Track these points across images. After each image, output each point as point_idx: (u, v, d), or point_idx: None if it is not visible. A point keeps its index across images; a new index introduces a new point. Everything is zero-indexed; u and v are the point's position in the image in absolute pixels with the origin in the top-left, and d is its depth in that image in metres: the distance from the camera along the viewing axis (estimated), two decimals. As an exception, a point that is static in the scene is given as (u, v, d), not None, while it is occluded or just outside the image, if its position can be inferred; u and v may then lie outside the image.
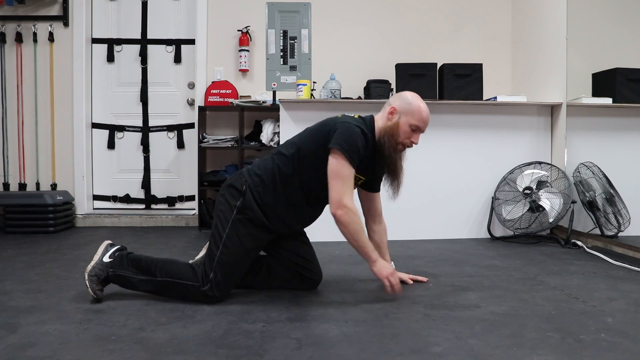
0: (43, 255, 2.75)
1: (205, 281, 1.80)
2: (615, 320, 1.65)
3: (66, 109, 3.98)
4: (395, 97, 1.94)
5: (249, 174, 1.89)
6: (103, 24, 4.11)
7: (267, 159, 1.93)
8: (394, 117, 1.87)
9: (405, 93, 1.93)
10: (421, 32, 4.10)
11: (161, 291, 1.85)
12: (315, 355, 1.37)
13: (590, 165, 3.03)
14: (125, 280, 1.85)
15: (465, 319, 1.67)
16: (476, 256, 2.72)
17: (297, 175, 1.85)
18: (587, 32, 3.22)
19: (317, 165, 1.81)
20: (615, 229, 2.86)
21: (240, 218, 1.83)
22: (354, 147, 1.77)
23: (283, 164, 1.86)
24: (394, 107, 1.88)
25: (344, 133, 1.77)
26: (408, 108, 1.87)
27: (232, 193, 1.87)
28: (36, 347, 1.41)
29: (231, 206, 1.85)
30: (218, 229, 1.85)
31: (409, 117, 1.86)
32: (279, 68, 3.56)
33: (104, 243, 1.92)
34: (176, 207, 4.16)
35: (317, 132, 1.87)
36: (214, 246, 1.83)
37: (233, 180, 1.91)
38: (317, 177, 1.83)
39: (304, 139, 1.89)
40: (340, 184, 1.76)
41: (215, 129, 4.04)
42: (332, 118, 1.91)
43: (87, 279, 1.80)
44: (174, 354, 1.37)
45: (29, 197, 3.60)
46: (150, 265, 1.85)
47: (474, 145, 3.33)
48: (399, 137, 1.87)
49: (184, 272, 1.83)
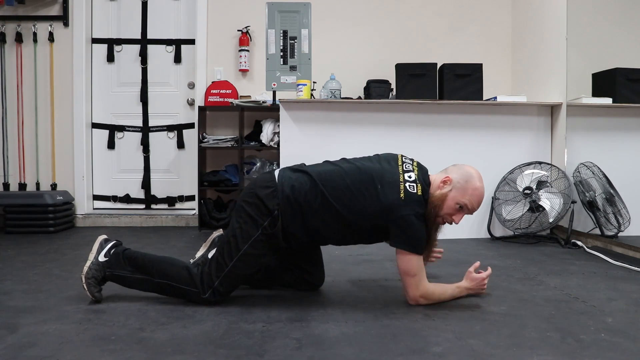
0: (43, 255, 2.75)
1: (207, 288, 1.76)
2: (615, 320, 1.65)
3: (66, 109, 3.98)
4: (457, 167, 1.81)
5: (284, 196, 1.73)
6: (103, 24, 4.11)
7: (309, 191, 1.74)
8: (445, 187, 1.75)
9: (467, 168, 1.79)
10: (421, 32, 4.10)
11: (159, 291, 1.84)
12: (315, 355, 1.37)
13: (590, 165, 3.03)
14: (122, 279, 1.82)
15: (465, 319, 1.67)
16: (476, 256, 2.72)
17: (339, 235, 1.81)
18: (587, 32, 3.22)
19: (361, 231, 1.79)
20: (615, 229, 2.86)
21: (264, 239, 1.76)
22: (419, 242, 1.72)
23: (327, 216, 1.74)
24: (450, 177, 1.75)
25: (406, 231, 1.69)
26: (463, 185, 1.74)
27: (260, 210, 1.74)
28: (36, 347, 1.41)
29: (257, 224, 1.74)
30: (237, 241, 1.75)
31: (459, 193, 1.73)
32: (279, 68, 3.56)
33: (99, 239, 1.85)
34: (176, 207, 4.16)
35: (375, 216, 1.72)
36: (227, 256, 1.75)
37: (265, 194, 1.74)
38: (361, 240, 1.84)
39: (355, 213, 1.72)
40: (414, 281, 1.75)
41: (215, 129, 4.04)
42: (392, 202, 1.69)
43: (85, 283, 1.77)
44: (174, 354, 1.37)
45: (29, 197, 3.60)
46: (147, 264, 1.81)
47: (474, 145, 3.33)
48: (441, 210, 1.75)
49: (182, 276, 1.78)
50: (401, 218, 1.69)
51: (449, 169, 1.83)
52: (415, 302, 1.80)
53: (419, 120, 3.33)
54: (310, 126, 3.28)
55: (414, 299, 1.79)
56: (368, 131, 3.30)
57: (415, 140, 3.32)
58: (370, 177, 1.75)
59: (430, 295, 1.80)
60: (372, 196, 1.71)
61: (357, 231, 1.79)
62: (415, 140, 3.32)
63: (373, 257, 2.64)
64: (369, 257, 2.67)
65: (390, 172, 1.75)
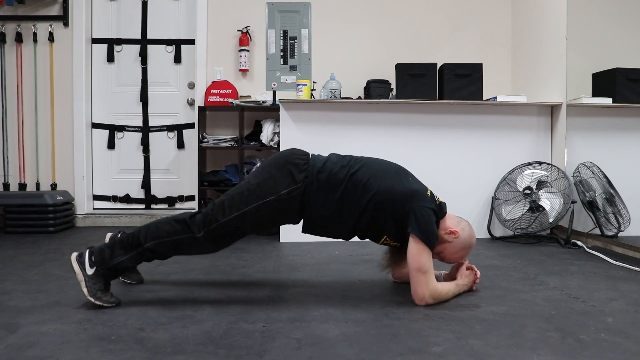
0: (43, 255, 2.75)
1: (202, 227, 1.75)
2: (615, 320, 1.65)
3: (66, 109, 3.98)
4: (466, 226, 1.94)
5: (314, 171, 1.81)
6: (103, 24, 4.11)
7: (340, 170, 1.83)
8: (450, 237, 1.89)
9: (471, 232, 1.95)
10: (421, 32, 4.10)
11: (156, 256, 1.81)
12: (315, 355, 1.37)
13: (590, 165, 3.03)
14: (117, 268, 1.78)
15: (465, 319, 1.67)
16: (476, 256, 2.72)
17: (358, 212, 1.83)
18: (587, 32, 3.22)
19: (383, 221, 1.84)
20: (615, 229, 2.86)
21: (275, 205, 1.78)
22: (434, 236, 1.81)
23: (352, 191, 1.81)
24: (458, 232, 1.90)
25: (425, 222, 1.78)
26: (464, 246, 1.93)
27: (285, 178, 1.79)
28: (36, 347, 1.41)
29: (275, 190, 1.78)
30: (248, 197, 1.78)
31: (459, 250, 1.93)
32: (279, 68, 3.56)
33: (73, 261, 1.75)
34: (176, 207, 4.16)
35: (401, 195, 1.81)
36: (234, 207, 1.77)
37: (296, 164, 1.82)
38: (373, 227, 1.87)
39: (386, 187, 1.82)
40: (424, 279, 1.78)
41: (215, 129, 4.04)
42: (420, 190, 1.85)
43: (96, 300, 1.73)
44: (174, 354, 1.37)
45: (29, 197, 3.60)
46: (133, 237, 1.78)
47: (474, 145, 3.33)
48: (442, 253, 1.94)
49: (168, 230, 1.77)
50: (424, 208, 1.79)
51: (459, 221, 1.95)
52: (422, 302, 1.80)
53: (419, 120, 3.33)
54: (310, 126, 3.28)
55: (422, 298, 1.79)
56: (368, 131, 3.30)
57: (415, 140, 3.32)
58: (401, 168, 1.94)
59: (438, 295, 1.82)
60: (403, 181, 1.86)
61: (374, 216, 1.83)
62: (415, 140, 3.32)
63: (373, 257, 2.64)
64: (369, 257, 2.67)
65: (419, 181, 1.94)
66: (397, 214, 1.81)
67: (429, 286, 1.79)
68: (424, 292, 1.79)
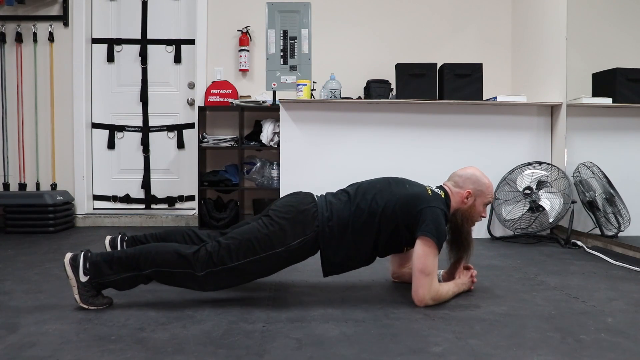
0: (43, 255, 2.75)
1: (205, 267, 1.72)
2: (615, 320, 1.65)
3: (66, 109, 3.98)
4: (466, 179, 1.95)
5: (324, 219, 1.80)
6: (103, 24, 4.11)
7: (343, 206, 1.84)
8: (469, 200, 1.93)
9: (473, 172, 1.97)
10: (421, 32, 4.10)
11: (151, 280, 1.78)
12: (315, 355, 1.37)
13: (590, 165, 3.03)
14: (111, 285, 1.75)
15: (465, 319, 1.67)
16: (476, 256, 2.71)
17: (373, 237, 1.84)
18: (587, 32, 3.22)
19: (396, 234, 1.85)
20: (615, 229, 2.86)
21: (284, 255, 1.78)
22: (443, 235, 1.82)
23: (360, 222, 1.82)
24: (469, 191, 1.93)
25: (434, 221, 1.79)
26: (481, 190, 1.94)
27: (294, 226, 1.79)
28: (36, 347, 1.41)
29: (284, 242, 1.77)
30: (254, 245, 1.76)
31: (482, 198, 1.95)
32: (279, 68, 3.56)
33: (67, 264, 1.71)
34: (176, 207, 4.16)
35: (405, 202, 1.83)
36: (240, 253, 1.75)
37: (305, 213, 1.81)
38: (391, 243, 1.88)
39: (389, 201, 1.83)
40: (427, 281, 1.78)
41: (215, 129, 4.04)
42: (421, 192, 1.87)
43: (89, 306, 1.72)
44: (174, 354, 1.37)
45: (29, 197, 3.60)
46: (133, 258, 1.73)
47: (474, 145, 3.33)
48: (475, 218, 1.97)
49: (170, 260, 1.73)
50: (430, 208, 1.81)
51: (456, 180, 1.97)
52: (422, 303, 1.79)
53: (419, 120, 3.33)
54: (310, 126, 3.28)
55: (422, 300, 1.79)
56: (368, 131, 3.30)
57: (415, 140, 3.32)
58: (393, 178, 1.97)
59: (439, 297, 1.82)
60: (400, 189, 1.88)
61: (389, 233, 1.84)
62: (415, 140, 3.32)
63: (373, 257, 2.64)
64: (369, 257, 2.67)
65: (415, 182, 1.98)
66: (407, 221, 1.82)
67: (431, 288, 1.79)
68: (424, 294, 1.78)
